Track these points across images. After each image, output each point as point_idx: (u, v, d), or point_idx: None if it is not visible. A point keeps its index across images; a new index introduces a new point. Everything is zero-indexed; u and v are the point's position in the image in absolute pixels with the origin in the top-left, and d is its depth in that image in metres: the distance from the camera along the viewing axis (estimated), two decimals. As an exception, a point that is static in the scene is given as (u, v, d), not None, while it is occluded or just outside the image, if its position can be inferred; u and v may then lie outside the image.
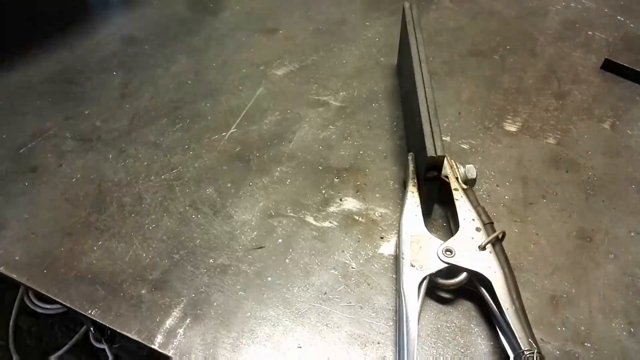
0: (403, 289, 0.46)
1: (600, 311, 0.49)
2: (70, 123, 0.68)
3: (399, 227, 0.51)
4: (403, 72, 0.66)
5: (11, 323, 0.99)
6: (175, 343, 0.48)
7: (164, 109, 0.69)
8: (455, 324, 0.49)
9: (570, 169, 0.61)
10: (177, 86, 0.72)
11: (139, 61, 0.76)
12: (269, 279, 0.52)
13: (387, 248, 0.54)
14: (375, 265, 0.53)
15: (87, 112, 0.69)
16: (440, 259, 0.48)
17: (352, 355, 0.47)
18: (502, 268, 0.47)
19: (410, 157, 0.56)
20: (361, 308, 0.50)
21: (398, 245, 0.50)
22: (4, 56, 0.77)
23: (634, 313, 0.49)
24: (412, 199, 0.52)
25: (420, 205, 0.52)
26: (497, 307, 0.46)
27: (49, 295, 0.52)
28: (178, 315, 0.49)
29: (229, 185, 0.60)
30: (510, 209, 0.57)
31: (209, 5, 0.86)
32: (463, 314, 0.49)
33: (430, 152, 0.48)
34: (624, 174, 0.60)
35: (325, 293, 0.51)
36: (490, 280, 0.46)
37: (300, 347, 0.47)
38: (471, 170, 0.54)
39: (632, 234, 0.55)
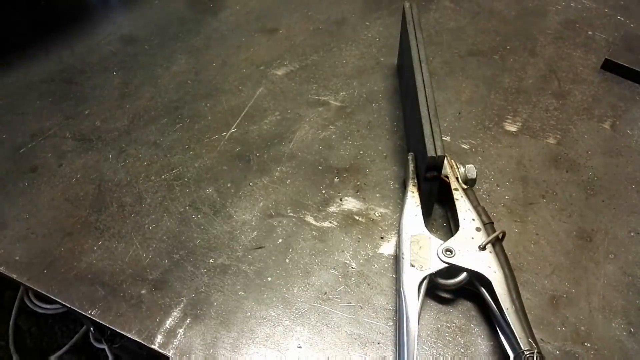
0: (403, 289, 0.46)
1: (600, 311, 0.49)
2: (70, 123, 0.68)
3: (399, 227, 0.51)
4: (403, 72, 0.66)
5: (11, 323, 0.98)
6: (175, 343, 0.48)
7: (164, 108, 0.69)
8: (455, 324, 0.49)
9: (570, 169, 0.61)
10: (177, 86, 0.72)
11: (139, 61, 0.76)
12: (269, 279, 0.52)
13: (387, 248, 0.54)
14: (375, 265, 0.53)
15: (87, 112, 0.69)
16: (440, 259, 0.48)
17: (352, 355, 0.47)
18: (502, 268, 0.47)
19: (410, 157, 0.56)
20: (361, 308, 0.50)
21: (398, 245, 0.50)
22: (4, 56, 0.77)
23: (634, 313, 0.49)
24: (412, 199, 0.52)
25: (420, 205, 0.52)
26: (497, 307, 0.46)
27: (49, 295, 0.52)
28: (178, 315, 0.49)
29: (229, 185, 0.60)
30: (510, 209, 0.57)
31: (209, 5, 0.86)
32: (463, 314, 0.49)
33: (430, 152, 0.48)
34: (624, 173, 0.60)
35: (325, 293, 0.51)
36: (490, 280, 0.46)
37: (300, 347, 0.47)
38: (471, 170, 0.54)
39: (632, 233, 0.55)
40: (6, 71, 0.75)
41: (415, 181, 0.54)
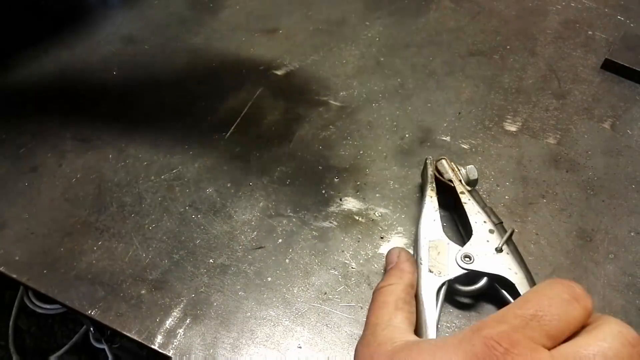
0: (421, 295, 0.45)
1: (600, 311, 0.49)
2: (70, 123, 0.68)
3: (416, 232, 0.51)
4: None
5: (11, 323, 0.99)
6: (175, 343, 0.48)
7: (164, 108, 0.69)
8: (455, 324, 0.49)
9: (571, 169, 0.61)
10: (177, 86, 0.72)
11: (139, 61, 0.76)
12: (269, 279, 0.52)
13: (387, 248, 0.54)
14: (375, 265, 0.53)
15: (86, 111, 0.69)
16: (460, 266, 0.47)
17: (352, 355, 0.47)
18: (521, 268, 0.47)
19: (428, 161, 0.55)
20: (361, 308, 0.50)
21: (415, 251, 0.50)
22: (3, 55, 0.77)
23: (634, 313, 0.49)
24: (431, 203, 0.51)
25: (438, 210, 0.51)
26: None
27: (49, 295, 0.52)
28: (178, 316, 0.49)
29: (228, 185, 0.60)
30: (510, 209, 0.57)
31: (209, 5, 0.86)
32: (463, 314, 0.49)
33: None
34: (624, 173, 0.60)
35: (325, 293, 0.51)
36: (513, 282, 0.46)
37: (300, 347, 0.47)
38: (472, 171, 0.54)
39: (632, 233, 0.55)
40: (5, 71, 0.75)
41: (434, 185, 0.53)
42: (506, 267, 0.47)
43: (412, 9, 0.82)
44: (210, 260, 0.53)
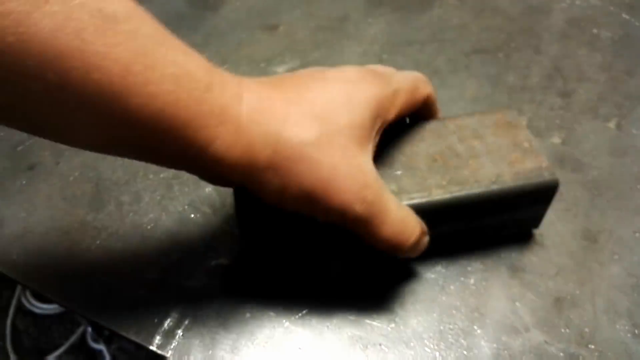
0: None
1: (605, 313, 0.49)
2: (68, 120, 0.67)
3: None
4: None
5: (8, 323, 0.98)
6: (173, 344, 0.47)
7: (163, 106, 0.68)
8: (457, 325, 0.48)
9: (576, 169, 0.60)
10: (177, 83, 0.72)
11: (138, 58, 0.75)
12: (269, 279, 0.51)
13: (389, 248, 0.53)
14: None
15: (85, 109, 0.68)
16: None
17: (353, 357, 0.46)
18: None
19: None
20: (363, 309, 0.49)
21: None
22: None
23: (639, 315, 0.48)
24: None
25: None
26: None
27: (47, 295, 0.51)
28: (177, 316, 0.49)
29: (228, 183, 0.60)
30: (514, 209, 0.56)
31: (209, 0, 0.85)
32: (466, 316, 0.48)
33: None
34: (630, 174, 0.60)
35: (327, 294, 0.50)
36: None
37: (300, 349, 0.47)
38: None
39: (638, 234, 0.54)
40: (3, 67, 0.74)
41: None
42: None
43: (415, 5, 0.81)
44: (210, 260, 0.53)
